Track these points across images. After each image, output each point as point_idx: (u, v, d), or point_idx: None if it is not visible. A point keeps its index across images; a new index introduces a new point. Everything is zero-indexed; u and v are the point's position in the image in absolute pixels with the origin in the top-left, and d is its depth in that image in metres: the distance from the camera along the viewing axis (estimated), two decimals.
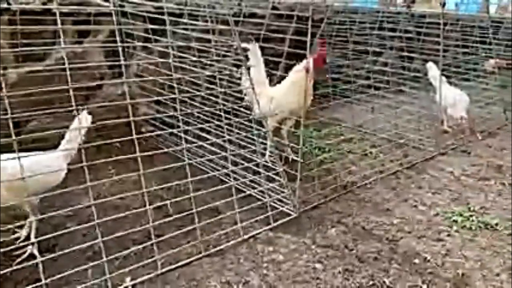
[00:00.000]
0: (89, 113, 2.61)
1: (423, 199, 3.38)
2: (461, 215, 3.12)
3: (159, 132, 3.32)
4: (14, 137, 2.00)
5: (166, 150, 3.25)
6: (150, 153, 2.63)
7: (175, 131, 3.30)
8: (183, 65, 3.31)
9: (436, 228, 2.95)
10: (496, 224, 3.01)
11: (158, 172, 2.72)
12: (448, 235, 2.88)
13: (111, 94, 4.21)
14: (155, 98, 3.69)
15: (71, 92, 2.14)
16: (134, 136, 2.30)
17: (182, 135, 2.98)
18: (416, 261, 2.57)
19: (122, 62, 3.04)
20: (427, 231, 2.92)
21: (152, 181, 3.06)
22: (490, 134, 5.08)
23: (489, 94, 5.85)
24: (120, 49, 2.48)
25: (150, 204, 2.40)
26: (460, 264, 2.57)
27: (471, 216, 3.12)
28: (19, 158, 2.05)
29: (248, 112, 3.29)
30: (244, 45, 3.46)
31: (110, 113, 3.84)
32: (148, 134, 3.11)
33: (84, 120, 2.50)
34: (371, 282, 2.35)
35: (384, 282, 2.36)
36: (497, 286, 2.39)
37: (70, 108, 3.63)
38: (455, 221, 3.05)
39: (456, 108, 4.80)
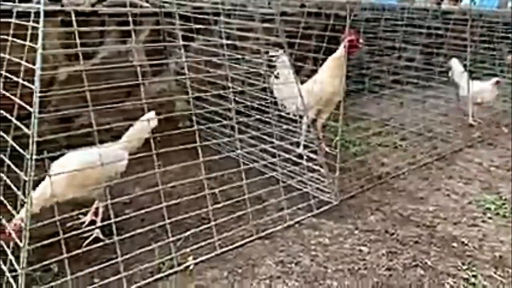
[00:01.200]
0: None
1: (454, 188, 3.52)
2: (493, 203, 3.26)
3: (203, 126, 3.50)
4: (95, 128, 2.20)
5: (214, 142, 3.40)
6: (204, 143, 2.82)
7: (214, 124, 3.49)
8: (226, 62, 3.49)
9: (471, 215, 3.10)
10: None
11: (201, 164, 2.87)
12: (483, 222, 3.03)
13: (151, 91, 4.42)
14: (215, 92, 3.86)
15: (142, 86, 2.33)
16: (195, 127, 2.50)
17: (237, 132, 3.15)
18: (455, 244, 2.73)
19: (176, 59, 3.21)
20: (462, 217, 3.06)
21: (198, 172, 3.26)
22: None
23: None
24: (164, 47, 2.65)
25: (200, 192, 2.61)
26: (497, 247, 2.72)
27: (503, 204, 3.26)
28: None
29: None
30: (272, 53, 3.67)
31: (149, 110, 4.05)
32: (196, 127, 3.30)
33: (150, 118, 2.71)
34: (414, 263, 2.51)
35: (426, 262, 2.52)
36: None
37: (115, 105, 3.83)
38: (488, 208, 3.19)
39: (483, 94, 4.97)
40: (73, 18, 2.18)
